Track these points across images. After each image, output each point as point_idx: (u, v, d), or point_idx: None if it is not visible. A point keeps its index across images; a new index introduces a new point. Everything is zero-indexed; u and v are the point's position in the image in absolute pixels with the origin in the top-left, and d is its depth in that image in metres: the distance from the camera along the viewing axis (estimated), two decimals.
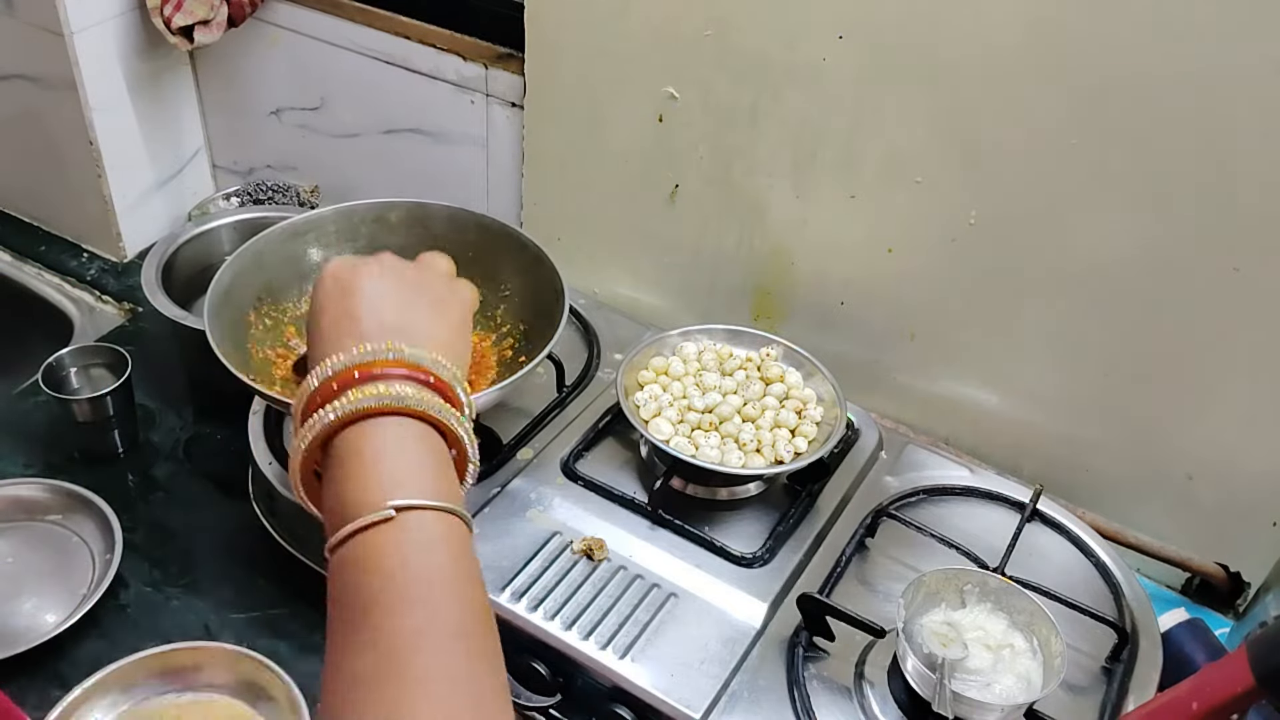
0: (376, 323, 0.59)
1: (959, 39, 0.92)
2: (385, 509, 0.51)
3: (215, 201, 1.47)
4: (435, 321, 0.62)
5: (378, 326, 0.59)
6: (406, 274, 0.63)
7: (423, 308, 0.62)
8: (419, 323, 0.60)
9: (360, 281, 0.61)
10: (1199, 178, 0.88)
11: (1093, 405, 1.04)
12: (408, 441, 0.55)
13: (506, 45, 1.19)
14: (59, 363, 1.16)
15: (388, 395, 0.54)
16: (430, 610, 0.50)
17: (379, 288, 0.61)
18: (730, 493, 0.98)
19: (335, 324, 0.59)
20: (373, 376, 0.55)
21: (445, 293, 0.65)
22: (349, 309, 0.60)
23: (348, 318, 0.59)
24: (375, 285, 0.61)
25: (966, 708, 0.76)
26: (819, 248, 1.10)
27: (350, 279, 0.61)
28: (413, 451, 0.55)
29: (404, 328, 0.59)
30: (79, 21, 1.27)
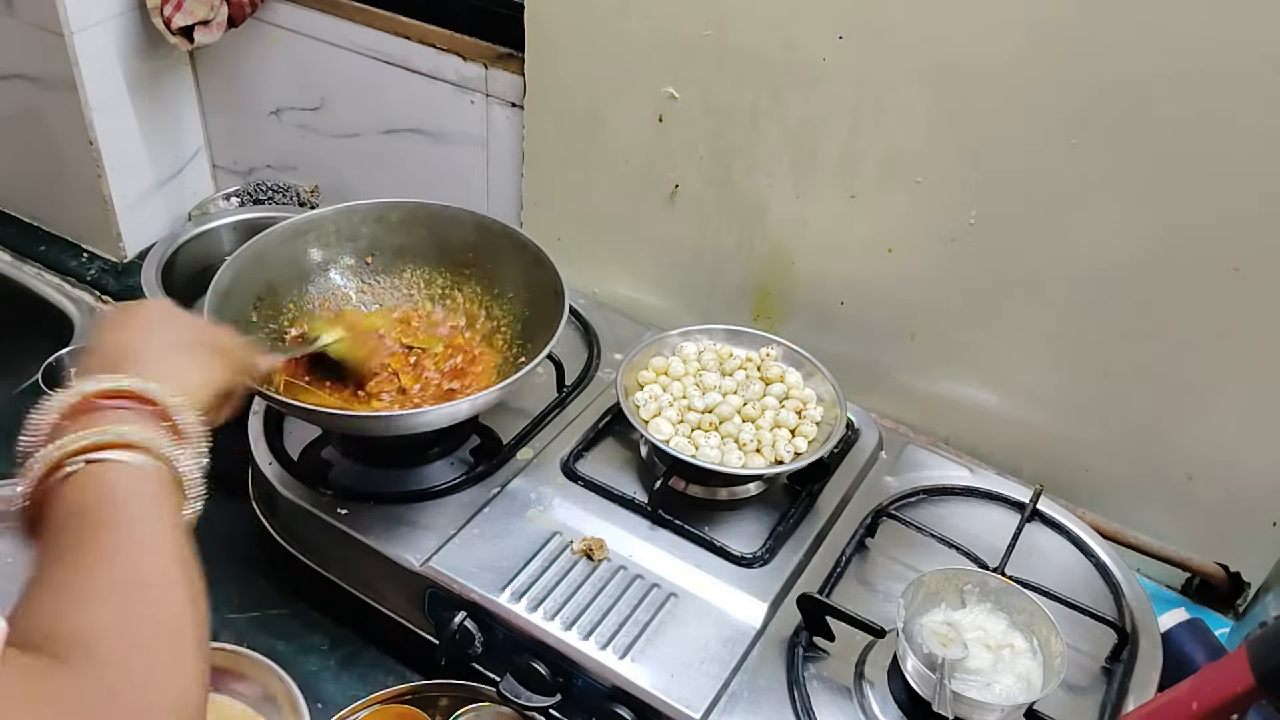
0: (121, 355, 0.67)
1: (959, 39, 0.92)
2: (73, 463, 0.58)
3: (215, 201, 1.47)
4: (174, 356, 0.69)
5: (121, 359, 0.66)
6: (182, 324, 0.73)
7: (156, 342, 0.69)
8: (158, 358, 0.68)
9: (117, 323, 0.70)
10: (1199, 178, 0.88)
11: (1093, 405, 1.04)
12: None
13: (506, 45, 1.19)
14: (59, 363, 1.16)
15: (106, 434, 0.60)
16: (121, 550, 0.56)
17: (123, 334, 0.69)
18: (730, 493, 0.98)
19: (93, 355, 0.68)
20: (97, 408, 0.62)
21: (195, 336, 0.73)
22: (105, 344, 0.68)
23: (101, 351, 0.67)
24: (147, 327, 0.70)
25: (966, 708, 0.76)
26: (819, 248, 1.10)
27: (113, 320, 0.71)
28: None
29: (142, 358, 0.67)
30: (79, 21, 1.27)
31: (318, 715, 0.91)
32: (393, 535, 0.92)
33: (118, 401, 0.62)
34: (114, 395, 0.62)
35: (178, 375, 0.67)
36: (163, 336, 0.70)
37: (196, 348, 0.71)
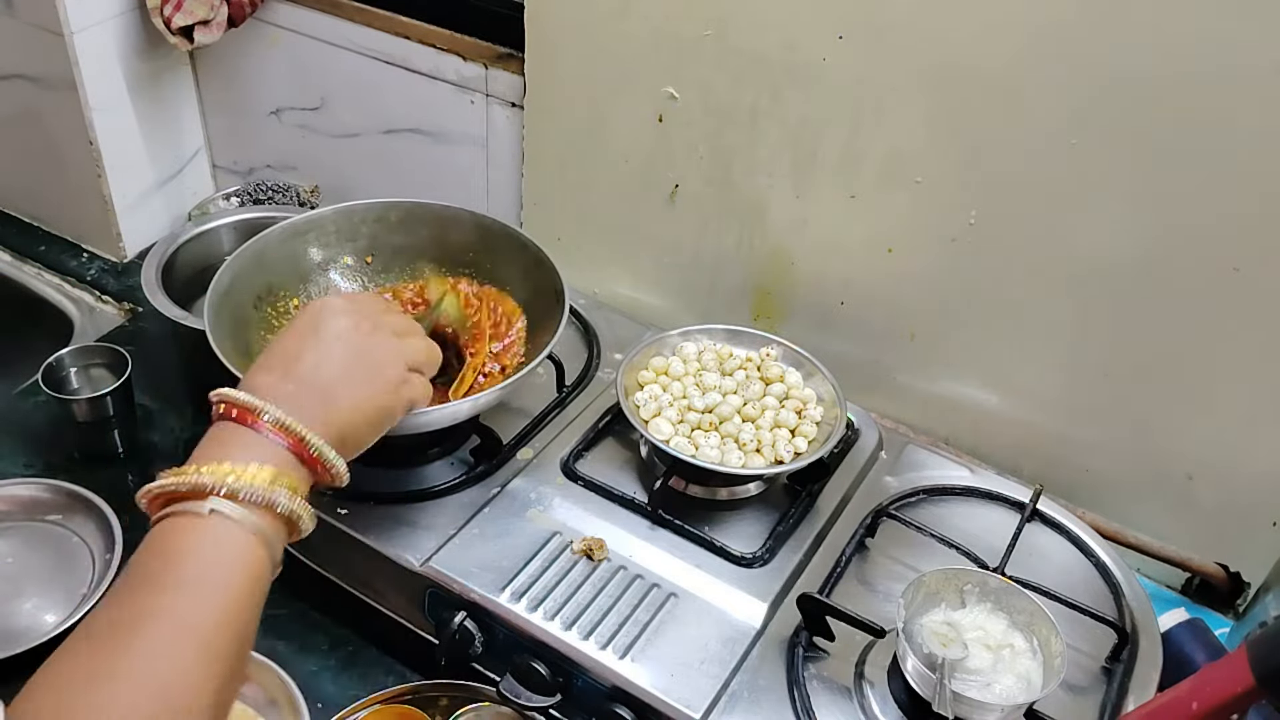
0: (307, 372, 0.66)
1: (959, 39, 0.92)
2: (204, 506, 0.58)
3: (215, 201, 1.47)
4: (358, 398, 0.67)
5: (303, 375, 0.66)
6: (374, 346, 0.70)
7: (358, 384, 0.68)
8: (343, 395, 0.67)
9: (327, 328, 0.68)
10: (1199, 178, 0.88)
11: (1093, 405, 1.04)
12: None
13: (506, 45, 1.19)
14: (59, 363, 1.16)
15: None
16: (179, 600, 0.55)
17: (337, 346, 0.68)
18: (730, 493, 0.98)
19: (286, 351, 0.67)
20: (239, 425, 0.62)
21: (392, 384, 0.70)
22: (299, 347, 0.67)
23: (294, 354, 0.67)
24: (336, 340, 0.68)
25: (966, 708, 0.76)
26: (819, 248, 1.10)
27: (325, 320, 0.69)
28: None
29: (326, 390, 0.66)
30: (79, 21, 1.27)
31: (318, 715, 0.91)
32: (393, 535, 0.92)
33: (269, 436, 0.62)
34: (262, 425, 0.62)
35: (352, 413, 0.66)
36: (351, 356, 0.67)
37: (385, 379, 0.69)
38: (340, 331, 0.68)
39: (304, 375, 0.65)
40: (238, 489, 0.58)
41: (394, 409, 0.70)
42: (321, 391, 0.65)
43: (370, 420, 0.68)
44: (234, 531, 0.58)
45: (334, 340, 0.68)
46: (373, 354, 0.69)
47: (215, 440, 0.62)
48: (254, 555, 0.59)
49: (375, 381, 0.68)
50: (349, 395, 0.67)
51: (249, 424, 0.62)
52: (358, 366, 0.67)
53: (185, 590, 0.55)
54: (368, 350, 0.68)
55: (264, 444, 0.62)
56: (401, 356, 0.71)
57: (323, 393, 0.65)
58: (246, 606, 0.58)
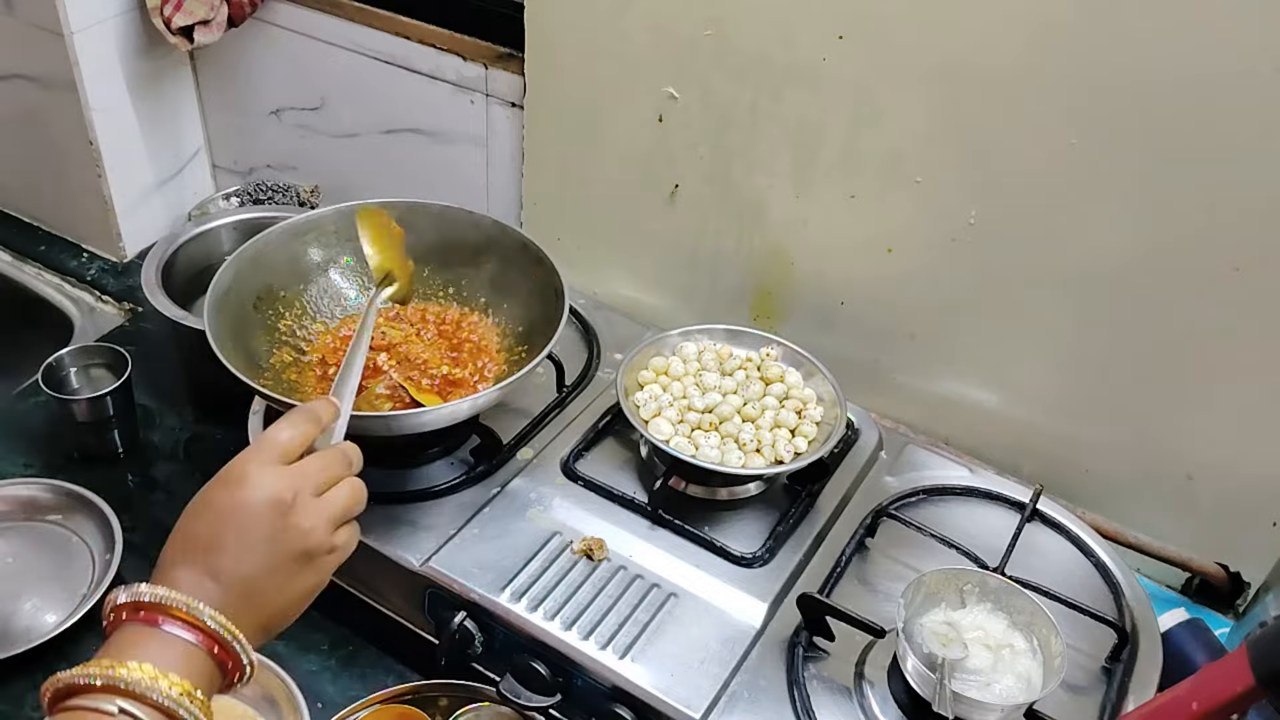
0: (229, 568, 0.62)
1: (959, 39, 0.92)
2: (112, 705, 0.55)
3: (215, 201, 1.47)
4: (286, 592, 0.65)
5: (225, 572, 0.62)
6: (298, 522, 0.65)
7: (285, 575, 0.65)
8: (270, 590, 0.64)
9: (245, 510, 0.64)
10: (1199, 177, 0.88)
11: (1093, 405, 1.04)
12: None
13: (506, 45, 1.19)
14: (59, 363, 1.16)
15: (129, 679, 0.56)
16: None
17: (257, 533, 0.63)
18: (730, 493, 0.98)
19: (200, 540, 0.63)
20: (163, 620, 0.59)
21: (321, 564, 0.67)
22: (217, 536, 0.63)
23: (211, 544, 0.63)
24: (256, 524, 0.64)
25: (966, 708, 0.76)
26: (819, 248, 1.10)
27: (241, 501, 0.64)
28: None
29: (251, 586, 0.63)
30: (79, 21, 1.27)
31: (318, 715, 0.91)
32: (393, 535, 0.92)
33: (164, 620, 0.59)
34: (165, 613, 0.59)
35: (270, 606, 0.63)
36: (258, 542, 0.63)
37: (296, 562, 0.65)
38: (259, 513, 0.64)
39: (226, 573, 0.62)
40: (148, 692, 0.56)
41: (323, 583, 0.68)
42: (247, 590, 0.62)
43: (298, 604, 0.66)
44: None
45: (253, 525, 0.63)
46: (296, 533, 0.65)
47: (130, 640, 0.59)
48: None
49: (303, 568, 0.65)
50: (276, 589, 0.64)
51: (166, 623, 0.59)
52: (282, 554, 0.64)
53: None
54: (290, 531, 0.64)
55: (181, 646, 0.59)
56: (328, 522, 0.66)
57: (248, 592, 0.62)
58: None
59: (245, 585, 0.62)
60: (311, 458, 0.68)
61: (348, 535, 0.69)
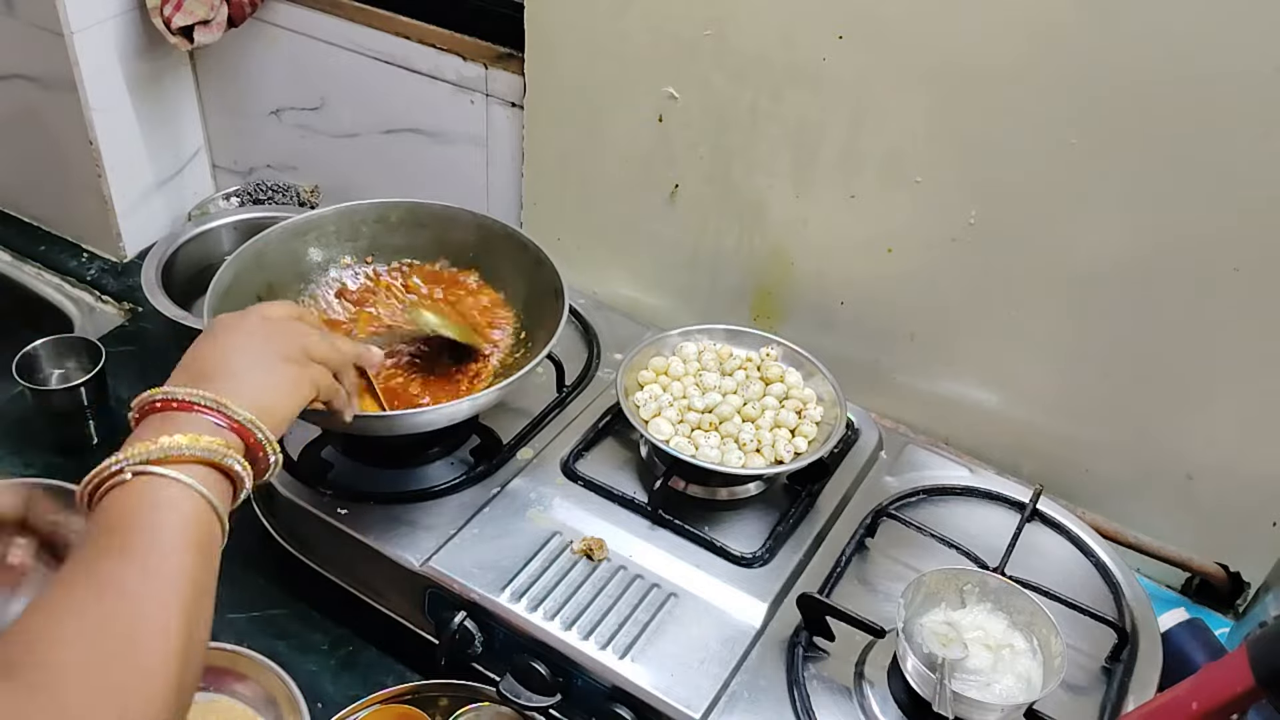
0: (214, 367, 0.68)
1: (959, 39, 0.92)
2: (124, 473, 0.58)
3: (215, 201, 1.47)
4: (267, 379, 0.69)
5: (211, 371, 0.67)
6: (272, 333, 0.72)
7: (264, 368, 0.69)
8: (253, 376, 0.68)
9: (228, 332, 0.71)
10: (1199, 177, 0.88)
11: (1093, 405, 1.04)
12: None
13: (506, 45, 1.19)
14: (34, 353, 1.17)
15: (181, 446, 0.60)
16: (138, 542, 0.56)
17: (238, 340, 0.70)
18: (730, 493, 0.98)
19: (189, 361, 0.69)
20: (171, 412, 0.63)
21: (295, 359, 0.72)
22: (202, 353, 0.69)
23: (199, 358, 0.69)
24: (237, 336, 0.70)
25: (966, 708, 0.76)
26: (819, 248, 1.10)
27: (226, 326, 0.71)
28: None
29: (237, 376, 0.67)
30: (79, 21, 1.27)
31: (318, 715, 0.91)
32: (393, 535, 0.92)
33: (194, 412, 0.63)
34: (188, 406, 0.63)
35: (259, 391, 0.67)
36: (252, 349, 0.69)
37: (281, 364, 0.70)
38: (241, 330, 0.71)
39: (212, 370, 0.67)
40: (164, 452, 0.59)
41: (301, 382, 0.71)
42: (233, 378, 0.67)
43: (282, 391, 0.70)
44: (168, 488, 0.59)
45: (235, 337, 0.70)
46: (272, 339, 0.71)
47: (145, 428, 0.63)
48: (190, 503, 0.59)
49: (278, 364, 0.70)
50: (259, 376, 0.68)
51: (173, 409, 0.63)
52: (261, 352, 0.69)
53: (133, 557, 0.56)
54: (268, 336, 0.71)
55: (192, 420, 0.63)
56: (298, 342, 0.72)
57: (234, 379, 0.67)
58: (197, 555, 0.58)
59: (230, 374, 0.67)
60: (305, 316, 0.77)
61: (323, 372, 0.74)
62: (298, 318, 0.75)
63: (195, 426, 0.62)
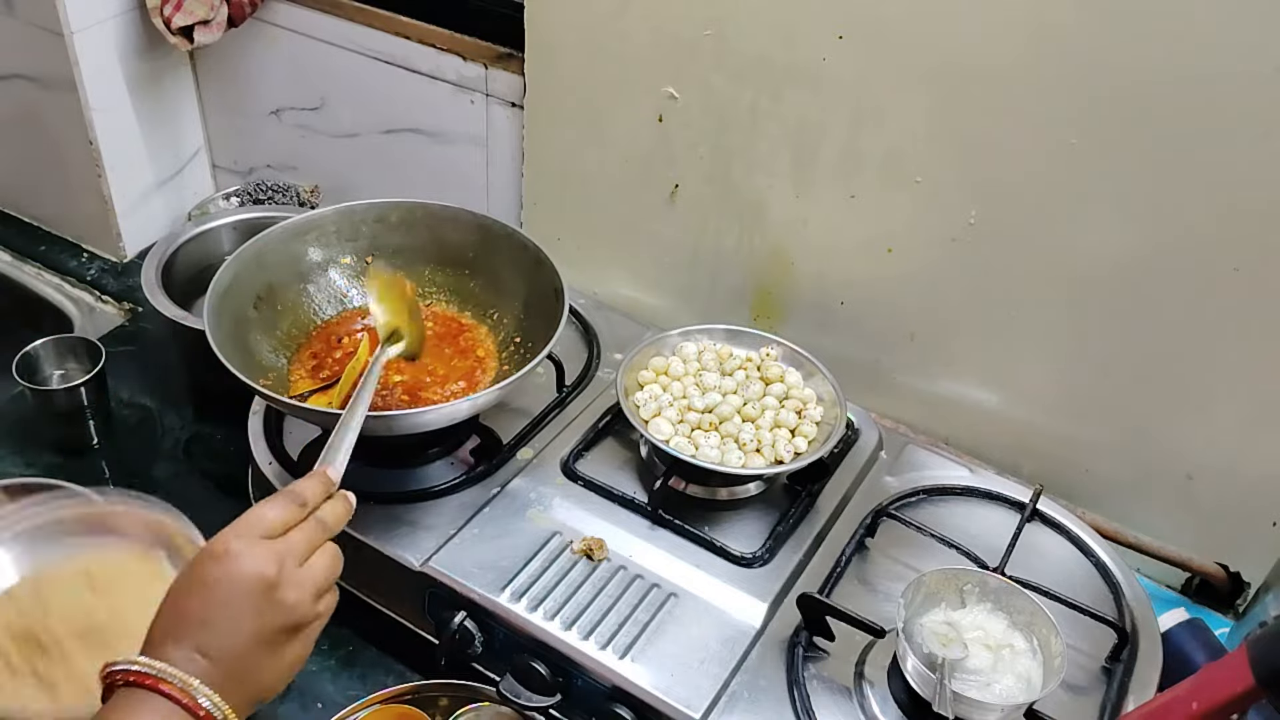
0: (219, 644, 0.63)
1: (959, 39, 0.92)
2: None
3: (215, 201, 1.47)
4: (276, 665, 0.65)
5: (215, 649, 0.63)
6: (284, 595, 0.65)
7: (273, 650, 0.65)
8: (261, 666, 0.64)
9: (232, 586, 0.64)
10: (1198, 177, 0.88)
11: (1093, 405, 1.04)
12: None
13: (506, 45, 1.19)
14: (34, 353, 1.17)
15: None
16: None
17: (246, 609, 0.64)
18: (730, 493, 0.98)
19: (190, 616, 0.64)
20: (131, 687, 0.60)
21: (306, 634, 0.67)
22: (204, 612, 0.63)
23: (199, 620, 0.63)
24: (244, 601, 0.64)
25: (966, 708, 0.76)
26: (819, 248, 1.10)
27: (228, 577, 0.64)
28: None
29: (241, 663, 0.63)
30: (79, 21, 1.27)
31: (318, 715, 0.91)
32: (393, 535, 0.92)
33: (153, 688, 0.60)
34: (153, 682, 0.60)
35: (252, 683, 0.64)
36: (246, 617, 0.64)
37: (283, 634, 0.65)
38: (246, 589, 0.64)
39: (216, 649, 0.62)
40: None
41: (308, 652, 0.68)
42: (237, 667, 0.63)
43: (286, 676, 0.67)
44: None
45: (241, 602, 0.64)
46: (283, 608, 0.65)
47: (127, 705, 0.60)
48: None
49: (290, 640, 0.66)
50: (265, 663, 0.65)
51: (161, 692, 0.60)
52: (270, 629, 0.64)
53: None
54: (277, 606, 0.65)
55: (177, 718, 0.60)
56: (313, 593, 0.67)
57: (238, 668, 0.63)
58: None
59: (235, 662, 0.63)
60: (294, 531, 0.68)
61: (329, 601, 0.70)
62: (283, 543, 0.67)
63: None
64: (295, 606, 0.65)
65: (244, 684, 0.63)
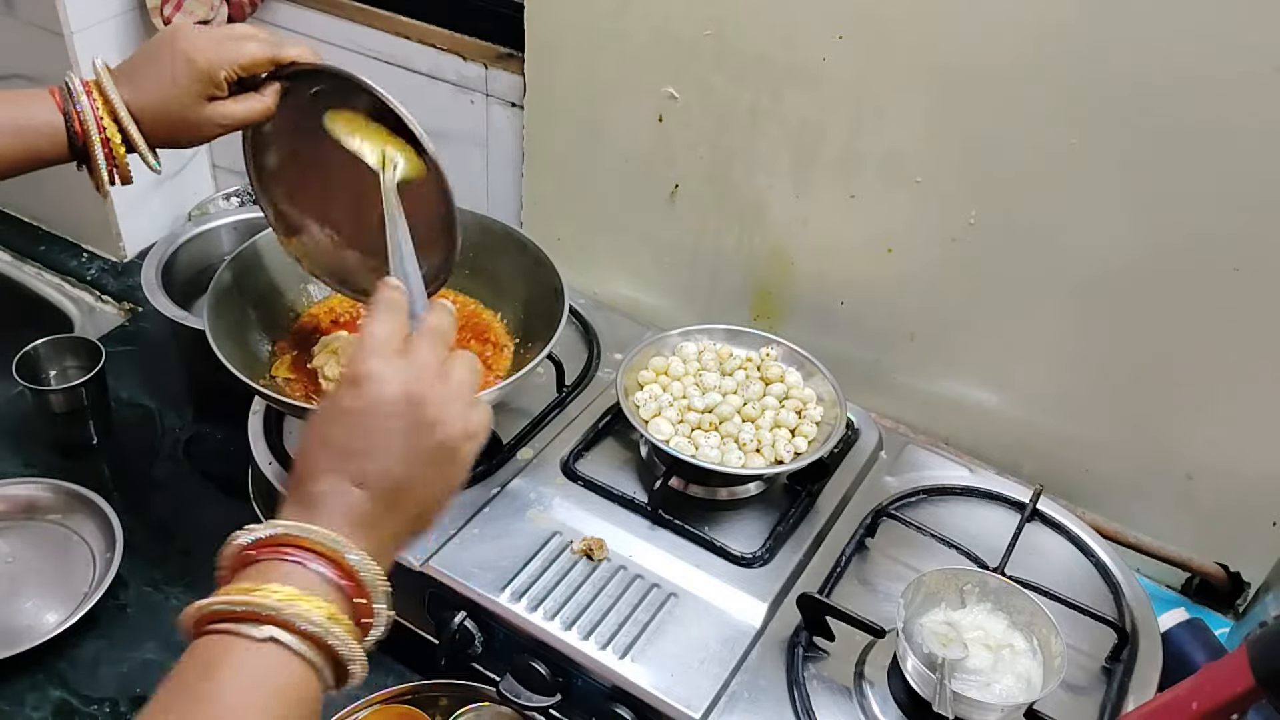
0: (375, 475, 0.58)
1: (959, 39, 0.92)
2: (260, 631, 0.53)
3: (215, 201, 1.47)
4: (428, 496, 0.61)
5: (370, 478, 0.58)
6: (424, 418, 0.60)
7: (431, 481, 0.61)
8: (416, 496, 0.61)
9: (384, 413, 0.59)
10: (1199, 178, 0.88)
11: (1093, 405, 1.04)
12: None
13: (506, 45, 1.19)
14: (35, 353, 1.17)
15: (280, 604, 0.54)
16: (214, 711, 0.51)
17: (399, 437, 0.59)
18: (730, 493, 0.98)
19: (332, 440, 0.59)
20: (286, 557, 0.56)
21: (463, 464, 0.63)
22: (345, 435, 0.59)
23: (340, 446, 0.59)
24: (399, 430, 0.59)
25: (966, 708, 0.76)
26: (819, 248, 1.10)
27: (381, 404, 0.59)
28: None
29: (399, 495, 0.59)
30: (79, 21, 1.27)
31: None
32: None
33: (299, 554, 0.56)
34: (297, 546, 0.56)
35: (422, 522, 0.61)
36: (398, 439, 0.59)
37: (438, 453, 0.60)
38: (395, 409, 0.59)
39: (372, 476, 0.58)
40: (295, 619, 0.54)
41: (464, 472, 0.63)
42: (394, 491, 0.59)
43: (444, 500, 0.63)
44: (290, 663, 0.54)
45: (392, 423, 0.59)
46: (435, 426, 0.60)
47: (263, 573, 0.56)
48: (308, 689, 0.55)
49: (446, 460, 0.61)
50: (422, 487, 0.61)
51: (308, 556, 0.57)
52: (424, 449, 0.60)
53: (232, 713, 0.51)
54: (427, 424, 0.60)
55: (321, 578, 0.57)
56: (462, 408, 0.62)
57: (395, 492, 0.60)
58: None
59: (392, 486, 0.59)
60: (420, 344, 0.62)
61: (480, 417, 0.63)
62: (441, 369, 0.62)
63: (329, 592, 0.57)
64: (448, 423, 0.60)
65: (402, 510, 0.60)
